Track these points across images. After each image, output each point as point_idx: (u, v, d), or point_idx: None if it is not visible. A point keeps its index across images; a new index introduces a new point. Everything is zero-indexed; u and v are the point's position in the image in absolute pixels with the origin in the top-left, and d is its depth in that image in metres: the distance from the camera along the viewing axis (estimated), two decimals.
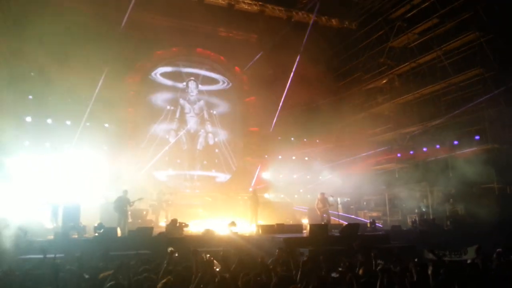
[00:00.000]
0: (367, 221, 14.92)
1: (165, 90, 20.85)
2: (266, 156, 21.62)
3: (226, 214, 14.60)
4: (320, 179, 20.58)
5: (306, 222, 15.16)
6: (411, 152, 18.47)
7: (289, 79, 20.99)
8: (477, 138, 15.50)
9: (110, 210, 12.17)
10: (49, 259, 5.57)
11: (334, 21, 21.73)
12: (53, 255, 5.51)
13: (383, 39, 19.96)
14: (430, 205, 16.89)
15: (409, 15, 18.77)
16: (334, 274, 5.10)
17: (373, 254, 5.65)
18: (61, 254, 7.22)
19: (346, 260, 5.54)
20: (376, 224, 14.34)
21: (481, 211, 12.61)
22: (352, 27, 22.04)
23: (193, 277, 4.59)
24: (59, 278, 4.95)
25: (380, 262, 5.58)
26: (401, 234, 12.53)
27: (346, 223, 12.58)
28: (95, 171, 15.37)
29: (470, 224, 12.80)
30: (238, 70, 22.37)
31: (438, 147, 16.79)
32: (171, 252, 5.66)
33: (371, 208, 19.29)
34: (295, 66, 20.24)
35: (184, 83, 21.34)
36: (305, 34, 20.10)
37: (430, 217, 15.32)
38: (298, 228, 12.56)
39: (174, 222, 11.28)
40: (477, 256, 5.37)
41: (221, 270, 5.24)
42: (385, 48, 19.77)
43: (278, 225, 11.86)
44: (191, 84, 21.46)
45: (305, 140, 22.83)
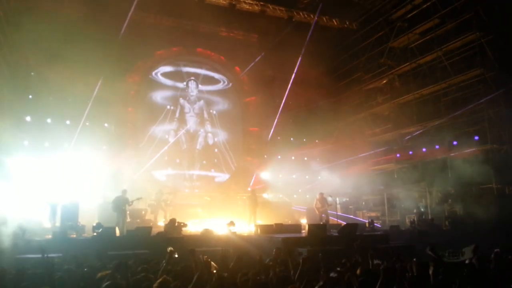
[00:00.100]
0: (366, 221, 14.93)
1: (165, 89, 20.84)
2: (265, 156, 21.61)
3: (225, 214, 14.56)
4: (319, 179, 20.58)
5: (304, 222, 15.12)
6: (410, 152, 18.47)
7: (289, 79, 20.98)
8: (476, 138, 15.49)
9: (109, 210, 12.15)
10: (46, 259, 5.55)
11: (334, 21, 21.72)
12: (50, 255, 5.50)
13: (384, 40, 19.97)
14: (428, 205, 16.88)
15: (409, 16, 18.77)
16: (332, 274, 5.08)
17: (370, 254, 5.64)
18: (58, 254, 7.23)
19: (347, 260, 5.54)
20: (374, 224, 14.36)
21: (479, 211, 12.61)
22: (352, 27, 22.02)
23: (194, 277, 4.57)
24: (57, 277, 4.94)
25: (377, 262, 5.58)
26: (399, 234, 12.51)
27: (345, 223, 12.56)
28: (94, 171, 15.36)
29: (468, 224, 12.79)
30: (238, 70, 22.36)
31: (437, 148, 16.80)
32: (171, 252, 5.63)
33: (370, 208, 19.29)
34: (297, 67, 20.18)
35: (184, 83, 21.33)
36: (305, 34, 20.09)
37: (429, 217, 15.33)
38: (297, 228, 12.53)
39: (172, 221, 11.25)
40: (474, 255, 5.36)
41: (219, 269, 5.22)
42: (385, 48, 19.77)
43: (276, 225, 11.83)
44: (191, 84, 21.45)
45: (304, 140, 22.84)
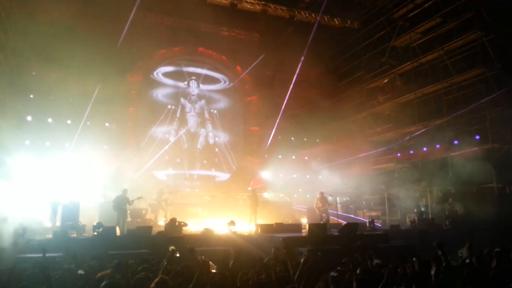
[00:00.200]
0: (366, 220, 14.91)
1: (166, 89, 20.86)
2: (266, 155, 21.60)
3: (226, 214, 14.57)
4: (319, 179, 20.56)
5: (305, 222, 15.12)
6: (411, 151, 18.43)
7: (290, 79, 20.90)
8: (477, 138, 15.45)
9: (109, 209, 12.16)
10: (46, 258, 5.56)
11: (336, 20, 21.69)
12: (51, 254, 5.51)
13: (385, 39, 19.92)
14: (429, 204, 16.85)
15: (411, 15, 18.72)
16: (333, 273, 5.08)
17: (368, 255, 5.63)
18: (58, 253, 7.24)
19: (348, 260, 5.52)
20: (375, 223, 14.34)
21: (480, 211, 12.58)
22: (354, 27, 21.99)
23: (194, 276, 4.56)
24: (57, 277, 4.94)
25: (377, 261, 5.57)
26: (400, 234, 12.49)
27: (345, 223, 12.55)
28: (95, 170, 15.38)
29: (469, 223, 12.75)
30: (239, 69, 22.35)
31: (438, 147, 16.75)
32: (173, 251, 5.61)
33: (370, 207, 19.26)
34: (299, 67, 20.13)
35: (185, 82, 21.34)
36: (306, 34, 20.03)
37: (429, 216, 15.30)
38: (297, 227, 12.54)
39: (173, 221, 11.25)
40: (470, 253, 5.33)
41: (218, 269, 5.22)
42: (387, 47, 19.73)
43: (277, 224, 11.83)
44: (193, 83, 21.46)
45: (305, 139, 22.81)
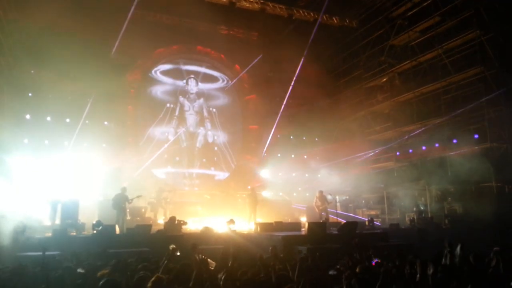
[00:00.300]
0: (365, 219, 14.94)
1: (165, 87, 20.83)
2: (265, 154, 21.61)
3: (225, 212, 14.58)
4: (318, 177, 20.57)
5: (304, 220, 15.15)
6: (410, 150, 18.45)
7: (289, 78, 20.94)
8: (476, 137, 15.47)
9: (109, 208, 12.15)
10: (46, 256, 5.56)
11: (335, 19, 21.65)
12: (51, 253, 5.50)
13: (384, 37, 19.91)
14: (428, 203, 16.87)
15: (410, 13, 18.70)
16: (332, 272, 5.09)
17: (367, 255, 5.65)
18: (58, 252, 7.24)
19: (348, 258, 5.54)
20: (374, 222, 14.39)
21: (479, 210, 12.61)
22: (352, 25, 21.96)
23: (192, 274, 4.57)
24: (57, 276, 4.94)
25: (377, 260, 5.59)
26: (399, 233, 12.52)
27: (345, 221, 12.57)
28: (94, 169, 15.37)
29: (468, 222, 12.78)
30: (238, 68, 22.34)
31: (437, 146, 16.77)
32: (173, 249, 5.60)
33: (370, 206, 19.31)
34: (300, 66, 20.11)
35: (184, 81, 21.32)
36: (305, 33, 20.03)
37: (428, 215, 15.33)
38: (297, 226, 12.55)
39: (172, 219, 11.26)
40: (463, 253, 5.36)
41: (218, 267, 5.22)
42: (385, 46, 19.71)
43: (276, 223, 11.83)
44: (191, 82, 21.44)
45: (304, 138, 22.82)
